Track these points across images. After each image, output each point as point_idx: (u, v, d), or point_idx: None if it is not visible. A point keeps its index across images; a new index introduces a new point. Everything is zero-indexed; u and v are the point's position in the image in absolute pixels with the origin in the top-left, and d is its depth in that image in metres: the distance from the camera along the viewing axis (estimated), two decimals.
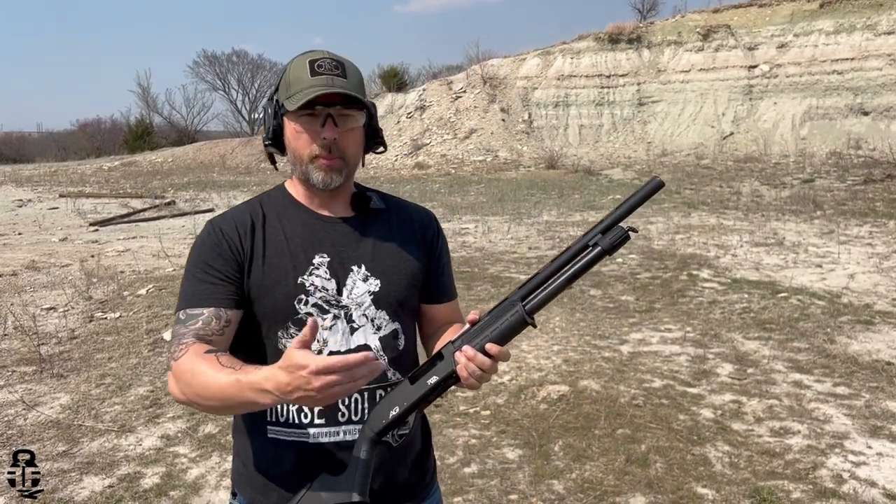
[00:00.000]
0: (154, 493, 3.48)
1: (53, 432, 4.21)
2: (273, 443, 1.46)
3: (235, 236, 1.45)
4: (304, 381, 1.12)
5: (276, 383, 1.16)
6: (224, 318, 1.40)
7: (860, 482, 3.47)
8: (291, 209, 1.52)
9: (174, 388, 1.35)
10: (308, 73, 1.39)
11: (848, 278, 7.59)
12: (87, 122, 53.04)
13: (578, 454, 3.81)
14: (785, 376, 4.88)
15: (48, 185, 23.14)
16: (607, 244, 1.29)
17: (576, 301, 6.93)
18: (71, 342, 5.96)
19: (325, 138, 1.40)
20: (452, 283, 1.69)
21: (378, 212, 1.55)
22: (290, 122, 1.43)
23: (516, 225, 11.89)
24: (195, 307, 1.40)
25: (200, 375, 1.28)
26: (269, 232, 1.48)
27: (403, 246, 1.55)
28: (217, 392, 1.26)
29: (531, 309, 1.32)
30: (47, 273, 8.87)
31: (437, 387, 1.34)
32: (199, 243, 1.48)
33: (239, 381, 1.22)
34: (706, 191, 15.30)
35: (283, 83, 1.44)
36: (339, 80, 1.40)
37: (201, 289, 1.41)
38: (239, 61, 50.86)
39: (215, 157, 30.08)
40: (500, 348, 1.30)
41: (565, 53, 25.45)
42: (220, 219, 1.51)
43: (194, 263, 1.45)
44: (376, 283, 1.49)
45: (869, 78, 19.73)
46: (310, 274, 1.45)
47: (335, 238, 1.49)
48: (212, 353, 1.31)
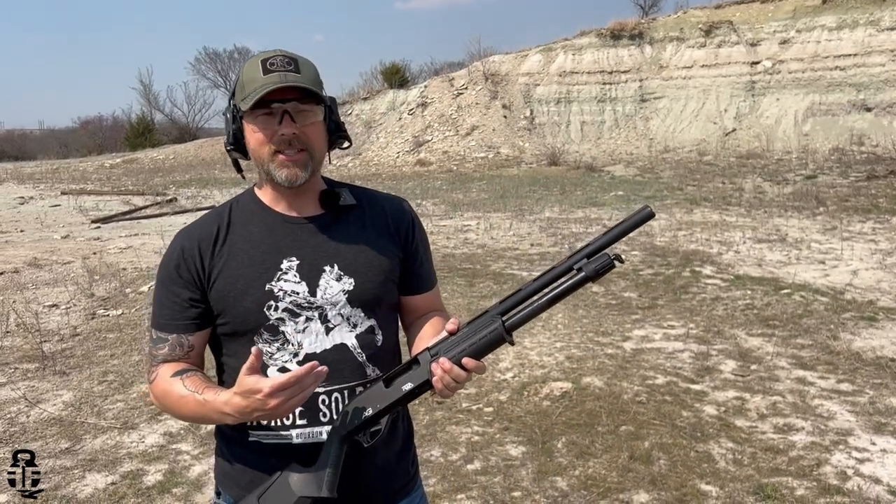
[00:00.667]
0: (157, 491, 3.48)
1: (56, 429, 4.21)
2: (254, 446, 1.47)
3: (196, 254, 1.46)
4: (259, 403, 1.22)
5: (235, 407, 1.27)
6: (186, 344, 1.47)
7: (864, 479, 3.46)
8: (259, 214, 1.51)
9: (155, 402, 1.48)
10: (260, 72, 1.38)
11: (851, 275, 7.57)
12: (88, 120, 53.13)
13: (581, 451, 3.80)
14: (788, 373, 4.86)
15: (50, 182, 23.15)
16: (591, 271, 1.29)
17: (578, 298, 6.92)
18: (73, 339, 5.96)
19: (284, 134, 1.39)
20: (432, 272, 1.67)
21: (349, 208, 1.53)
22: (248, 123, 1.42)
23: (518, 222, 11.87)
24: (162, 331, 1.47)
25: (170, 398, 1.41)
26: (234, 240, 1.47)
27: (377, 241, 1.53)
28: (188, 413, 1.39)
29: (510, 326, 1.33)
30: (49, 270, 8.87)
31: (410, 393, 1.36)
32: (163, 262, 1.49)
33: (203, 403, 1.34)
34: (708, 187, 15.26)
35: (238, 86, 1.42)
36: (291, 75, 1.39)
37: (165, 312, 1.47)
38: (240, 58, 50.68)
39: (217, 154, 30.05)
40: (477, 363, 1.32)
41: (567, 50, 25.40)
42: (185, 233, 1.51)
43: (160, 282, 1.49)
44: (350, 281, 1.47)
45: (872, 74, 19.68)
46: (278, 279, 1.44)
47: (304, 239, 1.48)
48: (178, 376, 1.41)
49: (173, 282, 1.46)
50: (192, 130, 45.91)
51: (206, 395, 1.33)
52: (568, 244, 9.63)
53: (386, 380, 1.38)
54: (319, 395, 1.43)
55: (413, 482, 1.63)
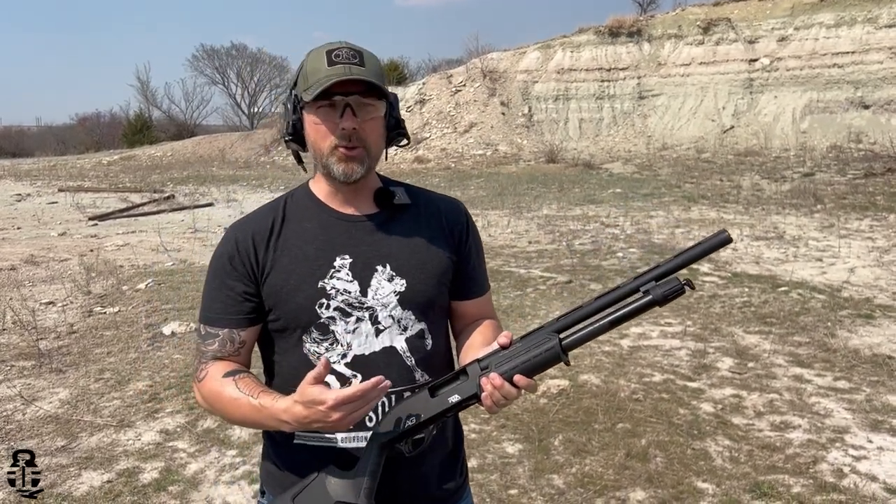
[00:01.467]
0: (153, 488, 3.47)
1: (52, 427, 4.20)
2: (300, 448, 1.44)
3: (250, 247, 1.43)
4: (322, 415, 1.19)
5: (294, 416, 1.23)
6: (238, 339, 1.43)
7: (861, 476, 3.46)
8: (313, 209, 1.48)
9: (201, 402, 1.44)
10: (325, 63, 1.35)
11: (848, 272, 7.57)
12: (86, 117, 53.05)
13: (578, 448, 3.80)
14: (785, 370, 4.87)
15: (47, 179, 23.11)
16: (660, 295, 1.22)
17: (576, 295, 6.92)
18: (70, 337, 5.95)
19: (344, 128, 1.36)
20: (485, 277, 1.63)
21: (404, 207, 1.50)
22: (309, 114, 1.39)
23: (516, 219, 11.87)
24: (212, 325, 1.44)
25: (222, 399, 1.37)
26: (288, 236, 1.44)
27: (431, 242, 1.49)
28: (239, 417, 1.36)
29: (567, 346, 1.28)
30: (46, 267, 8.86)
31: (456, 406, 1.32)
32: (216, 254, 1.46)
33: (260, 410, 1.30)
34: (706, 185, 15.27)
35: (301, 76, 1.40)
36: (356, 68, 1.36)
37: (216, 306, 1.44)
38: (238, 55, 50.74)
39: (214, 152, 30.02)
40: (529, 381, 1.28)
41: (565, 47, 25.37)
42: (238, 225, 1.49)
43: (212, 274, 1.46)
44: (402, 282, 1.44)
45: (870, 71, 19.67)
46: (331, 277, 1.41)
47: (358, 238, 1.45)
48: (230, 377, 1.37)
49: (227, 274, 1.43)
50: (189, 127, 45.87)
51: (263, 401, 1.29)
52: (566, 241, 9.63)
53: (431, 388, 1.33)
54: None
55: (460, 492, 1.58)
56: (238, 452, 3.83)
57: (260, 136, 30.45)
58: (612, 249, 9.08)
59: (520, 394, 1.29)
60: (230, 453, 3.83)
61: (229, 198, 16.80)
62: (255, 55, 51.12)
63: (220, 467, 3.68)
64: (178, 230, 12.02)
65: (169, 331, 5.92)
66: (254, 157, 27.67)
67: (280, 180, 20.26)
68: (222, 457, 3.79)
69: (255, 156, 27.82)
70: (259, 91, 50.51)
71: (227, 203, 15.93)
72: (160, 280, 7.85)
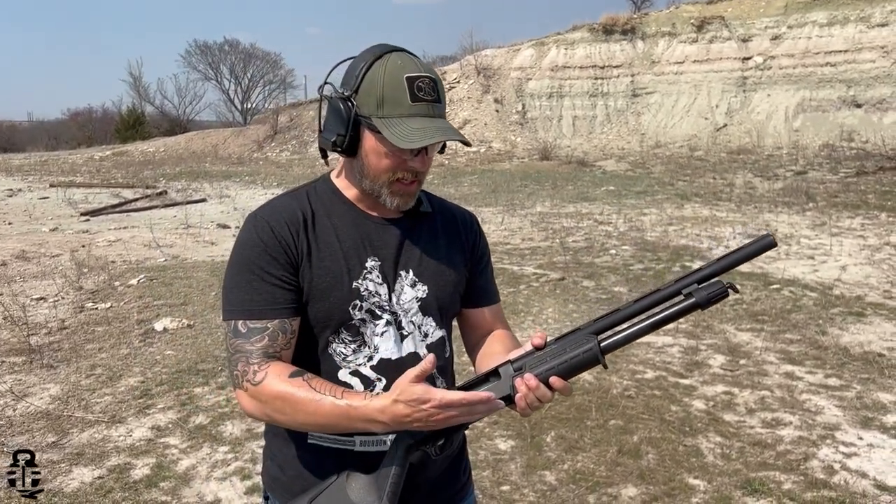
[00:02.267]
0: (144, 485, 3.46)
1: (43, 423, 4.18)
2: (314, 449, 1.40)
3: (288, 235, 1.35)
4: (425, 415, 1.15)
5: (393, 416, 1.17)
6: (290, 329, 1.34)
7: (851, 473, 3.48)
8: (340, 206, 1.43)
9: (252, 408, 1.31)
10: (408, 97, 1.29)
11: (840, 270, 7.61)
12: (78, 112, 52.76)
13: (570, 445, 3.81)
14: (777, 368, 4.88)
15: (38, 174, 22.98)
16: (703, 298, 1.20)
17: (568, 292, 6.93)
18: (61, 332, 5.92)
19: (414, 167, 1.35)
20: (495, 288, 1.63)
21: (425, 215, 1.50)
22: (376, 140, 1.33)
23: (510, 216, 11.87)
24: (257, 319, 1.32)
25: (296, 402, 1.25)
26: (319, 230, 1.39)
27: (449, 250, 1.50)
28: (321, 419, 1.24)
29: (606, 348, 1.25)
30: (37, 263, 8.81)
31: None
32: (247, 242, 1.36)
33: (347, 411, 1.21)
34: (699, 182, 15.31)
35: (371, 93, 1.31)
36: (437, 107, 1.32)
37: (260, 298, 1.32)
38: (231, 51, 50.51)
39: (207, 147, 29.91)
40: (565, 383, 1.25)
41: (559, 44, 25.38)
42: (266, 213, 1.39)
43: (246, 266, 1.34)
44: (423, 289, 1.43)
45: (862, 70, 19.74)
46: (363, 278, 1.38)
47: (386, 240, 1.43)
48: (298, 377, 1.27)
49: (267, 262, 1.33)
50: (182, 123, 45.65)
51: (352, 401, 1.21)
52: (559, 239, 9.64)
53: (461, 389, 1.27)
54: None
55: (465, 489, 1.59)
56: (230, 449, 3.82)
57: (253, 132, 30.35)
58: (605, 247, 9.09)
59: (553, 396, 1.26)
60: (222, 449, 3.82)
61: (222, 194, 16.75)
62: (249, 51, 50.91)
63: (211, 463, 3.67)
64: (171, 226, 11.97)
65: (161, 327, 5.90)
66: (247, 154, 27.58)
67: (273, 177, 20.21)
68: (214, 453, 3.78)
69: (248, 152, 27.73)
70: (252, 87, 50.30)
71: (219, 199, 15.88)
72: (152, 276, 7.82)
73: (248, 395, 1.30)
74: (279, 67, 50.77)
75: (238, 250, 1.37)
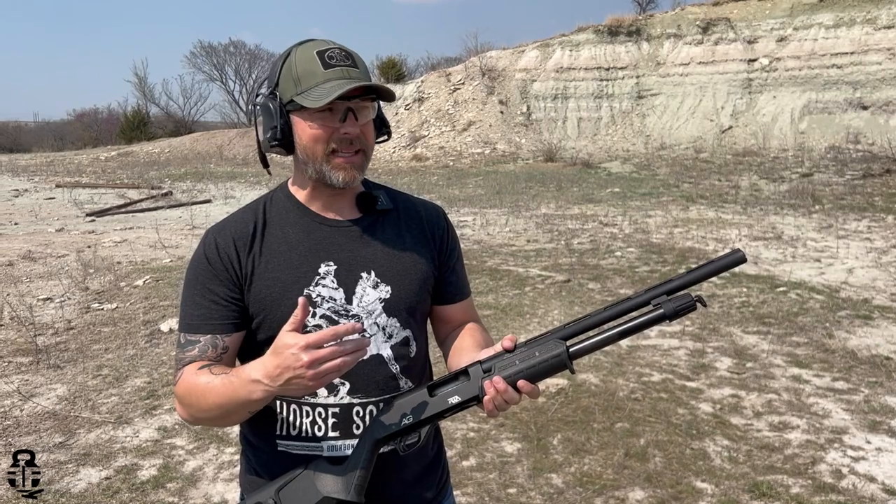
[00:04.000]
0: (151, 485, 3.46)
1: (50, 423, 4.19)
2: (284, 455, 1.40)
3: (233, 252, 1.37)
4: (293, 360, 1.10)
5: (264, 369, 1.15)
6: (221, 345, 1.37)
7: (859, 477, 3.46)
8: (294, 213, 1.44)
9: (180, 411, 1.37)
10: (320, 66, 1.31)
11: (846, 273, 7.58)
12: (83, 112, 52.86)
13: (577, 448, 3.80)
14: (784, 371, 4.87)
15: (45, 174, 23.05)
16: (671, 310, 1.21)
17: (574, 294, 6.92)
18: (67, 333, 5.93)
19: (348, 133, 1.34)
20: (466, 281, 1.61)
21: (386, 212, 1.47)
22: (303, 119, 1.34)
23: (514, 217, 11.86)
24: (193, 333, 1.37)
25: (196, 388, 1.29)
26: (270, 241, 1.40)
27: (414, 248, 1.47)
28: (213, 398, 1.26)
29: (574, 354, 1.26)
30: (44, 263, 8.83)
31: (456, 407, 1.30)
32: (195, 258, 1.41)
33: (230, 381, 1.23)
34: (705, 184, 15.28)
35: (289, 77, 1.34)
36: (353, 70, 1.33)
37: (198, 313, 1.37)
38: (236, 52, 50.61)
39: (212, 148, 29.98)
40: (533, 387, 1.26)
41: (564, 46, 25.37)
42: (216, 230, 1.42)
43: (191, 282, 1.39)
44: (387, 289, 1.41)
45: (868, 72, 19.69)
46: (316, 284, 1.37)
47: (342, 244, 1.41)
48: (205, 368, 1.31)
49: (209, 279, 1.37)
50: (187, 124, 45.76)
51: (236, 372, 1.23)
52: (564, 240, 9.63)
53: (430, 388, 1.30)
54: (354, 406, 1.38)
55: (442, 492, 1.57)
56: (236, 450, 3.82)
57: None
58: (610, 249, 9.07)
59: (520, 399, 1.27)
60: (228, 450, 3.82)
61: (227, 194, 16.78)
62: (253, 52, 51.02)
63: (218, 464, 3.67)
64: (176, 227, 12.00)
65: (167, 328, 5.90)
66: (251, 154, 27.59)
67: (278, 177, 20.12)
68: (220, 454, 3.79)
69: (253, 153, 27.64)
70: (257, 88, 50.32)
71: (224, 200, 15.91)
72: (158, 277, 7.83)
73: (176, 399, 1.37)
74: None
75: (190, 265, 1.42)
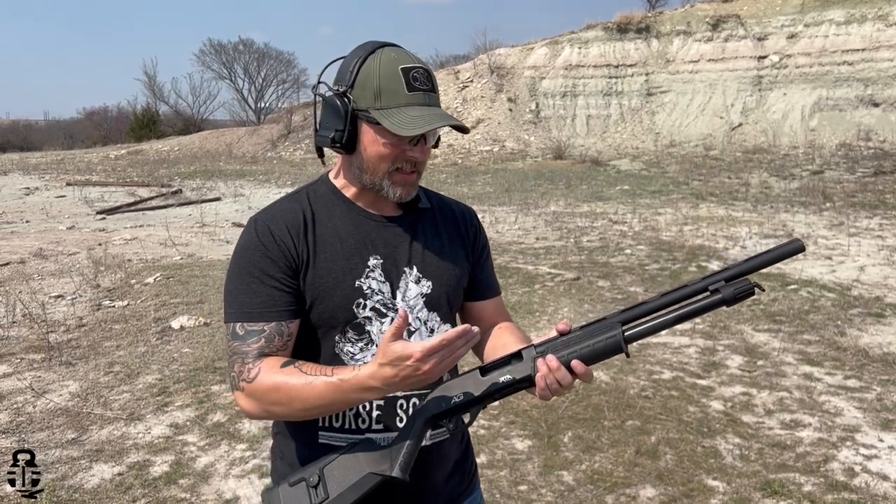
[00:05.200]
0: (163, 482, 3.48)
1: (62, 420, 4.21)
2: (325, 448, 1.39)
3: (288, 238, 1.37)
4: (412, 370, 1.14)
5: (383, 378, 1.17)
6: (286, 332, 1.36)
7: (872, 475, 3.44)
8: (341, 206, 1.44)
9: (250, 407, 1.33)
10: (404, 87, 1.31)
11: (858, 271, 7.54)
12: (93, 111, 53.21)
13: (588, 445, 3.79)
14: (795, 368, 4.85)
15: (55, 173, 23.17)
16: (730, 294, 1.21)
17: (584, 292, 6.91)
18: (79, 330, 5.97)
19: (415, 157, 1.36)
20: (496, 279, 1.65)
21: (424, 211, 1.51)
22: (374, 133, 1.34)
23: (523, 215, 11.85)
24: (254, 321, 1.34)
25: (290, 390, 1.27)
26: (320, 231, 1.40)
27: (450, 245, 1.51)
28: (314, 401, 1.26)
29: (630, 337, 1.25)
30: (55, 261, 8.89)
31: (508, 385, 1.28)
32: (247, 245, 1.38)
33: (339, 385, 1.23)
34: (715, 182, 15.21)
35: (368, 86, 1.33)
36: (433, 96, 1.35)
37: (258, 300, 1.34)
38: (245, 50, 50.61)
39: (222, 146, 30.07)
40: (586, 368, 1.26)
41: (573, 43, 25.30)
42: (267, 217, 1.41)
43: (245, 269, 1.36)
44: (428, 284, 1.45)
45: (880, 69, 19.56)
46: (366, 277, 1.39)
47: (387, 239, 1.44)
48: (289, 365, 1.30)
49: (267, 265, 1.35)
50: (196, 122, 45.92)
51: (342, 375, 1.23)
52: (574, 238, 9.61)
53: (482, 370, 1.30)
54: (398, 399, 1.39)
55: (472, 483, 1.60)
56: (248, 446, 3.83)
57: (267, 131, 30.48)
58: (619, 246, 9.05)
59: (574, 381, 1.27)
60: (240, 447, 3.83)
61: (236, 192, 16.83)
62: (263, 50, 51.01)
63: (230, 461, 3.69)
64: (186, 224, 12.04)
65: (178, 325, 5.93)
66: (261, 152, 27.70)
67: (287, 175, 20.27)
68: (232, 451, 3.80)
69: (262, 151, 27.85)
70: (266, 86, 50.38)
71: (234, 198, 15.95)
72: (168, 274, 7.86)
73: (244, 394, 1.32)
74: (292, 67, 50.77)
75: (238, 253, 1.39)
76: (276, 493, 1.31)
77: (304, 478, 1.30)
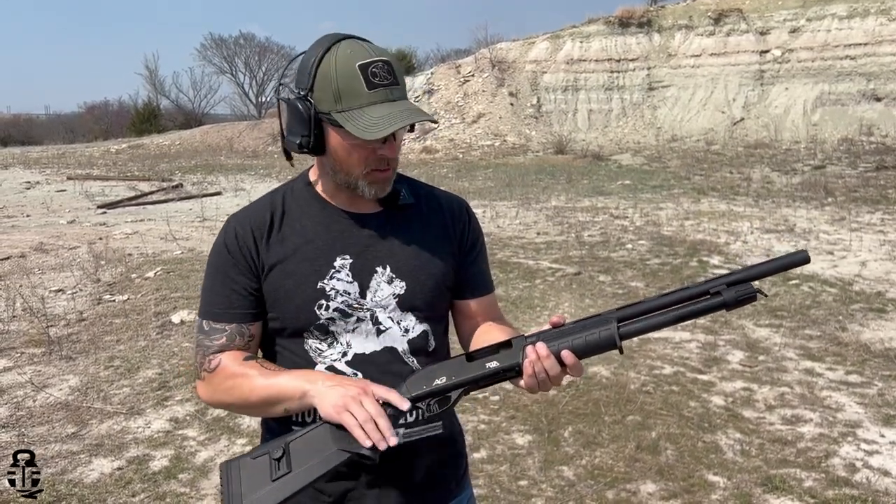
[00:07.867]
0: (163, 476, 3.48)
1: (62, 414, 4.21)
2: None
3: (251, 241, 1.38)
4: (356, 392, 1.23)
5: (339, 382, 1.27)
6: (248, 333, 1.40)
7: (873, 471, 3.44)
8: (315, 206, 1.43)
9: (208, 395, 1.41)
10: (363, 85, 1.26)
11: (860, 266, 7.52)
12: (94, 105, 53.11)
13: (588, 440, 3.79)
14: (796, 364, 4.84)
15: (56, 167, 23.14)
16: (731, 298, 1.20)
17: (585, 287, 6.89)
18: (79, 324, 5.96)
19: (386, 155, 1.34)
20: (489, 277, 1.57)
21: (407, 207, 1.46)
22: (340, 136, 1.31)
23: (525, 210, 11.83)
24: (217, 321, 1.39)
25: (245, 381, 1.33)
26: (287, 232, 1.40)
27: (433, 243, 1.46)
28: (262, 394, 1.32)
29: (625, 333, 1.23)
30: (55, 255, 8.88)
31: (494, 374, 1.25)
32: (216, 248, 1.42)
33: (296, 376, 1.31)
34: (716, 177, 15.18)
35: (326, 87, 1.28)
36: (396, 90, 1.30)
37: (220, 301, 1.39)
38: (246, 44, 50.57)
39: (222, 141, 30.02)
40: (577, 360, 1.23)
41: (575, 37, 25.22)
42: (237, 219, 1.43)
43: (213, 269, 1.41)
44: (401, 285, 1.40)
45: (882, 63, 19.49)
46: (331, 278, 1.37)
47: (360, 237, 1.41)
48: (252, 360, 1.36)
49: (229, 268, 1.38)
50: (197, 116, 45.83)
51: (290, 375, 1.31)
52: (575, 233, 9.59)
53: (468, 356, 1.28)
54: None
55: (462, 483, 1.56)
56: (248, 441, 3.83)
57: (268, 125, 30.40)
58: (621, 241, 9.04)
59: (563, 374, 1.24)
60: (240, 441, 3.83)
61: (237, 187, 16.81)
62: (263, 44, 50.97)
63: (229, 455, 3.68)
64: (187, 219, 12.03)
65: (178, 319, 5.93)
66: (262, 147, 27.66)
67: (288, 170, 20.23)
68: (232, 445, 3.80)
69: (263, 145, 27.80)
70: (267, 80, 50.32)
71: (235, 192, 15.94)
72: (169, 268, 7.85)
73: (203, 382, 1.39)
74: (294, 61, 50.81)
75: (211, 252, 1.43)
76: (234, 464, 1.28)
77: (268, 451, 1.26)
